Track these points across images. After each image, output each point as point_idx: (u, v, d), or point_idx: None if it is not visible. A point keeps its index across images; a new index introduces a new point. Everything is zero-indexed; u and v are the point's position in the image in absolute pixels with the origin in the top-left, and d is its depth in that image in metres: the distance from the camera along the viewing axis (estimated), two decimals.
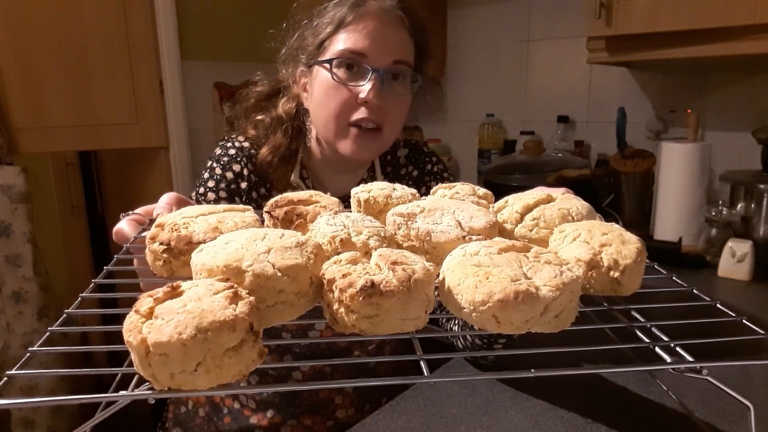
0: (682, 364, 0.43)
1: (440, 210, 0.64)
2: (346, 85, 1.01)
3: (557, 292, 0.45)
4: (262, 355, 0.40)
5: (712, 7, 1.41)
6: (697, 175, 1.66)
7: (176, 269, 0.57)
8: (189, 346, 0.36)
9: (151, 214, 0.72)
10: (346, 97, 1.01)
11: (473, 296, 0.46)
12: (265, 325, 0.45)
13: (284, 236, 0.51)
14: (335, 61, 1.01)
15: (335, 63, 1.01)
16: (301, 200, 0.69)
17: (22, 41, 2.01)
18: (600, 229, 0.59)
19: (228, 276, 0.45)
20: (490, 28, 2.39)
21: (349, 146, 1.04)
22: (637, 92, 2.05)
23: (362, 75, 1.01)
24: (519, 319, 0.45)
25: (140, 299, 0.40)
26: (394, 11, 1.03)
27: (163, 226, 0.60)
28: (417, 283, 0.45)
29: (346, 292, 0.44)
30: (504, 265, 0.48)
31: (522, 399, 0.93)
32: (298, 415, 1.09)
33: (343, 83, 1.01)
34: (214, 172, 1.08)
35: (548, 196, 0.70)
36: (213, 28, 2.37)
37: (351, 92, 1.01)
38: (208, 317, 0.37)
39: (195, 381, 0.37)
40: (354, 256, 0.49)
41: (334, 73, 1.01)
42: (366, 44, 1.00)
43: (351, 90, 1.01)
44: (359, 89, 1.01)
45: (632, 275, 0.55)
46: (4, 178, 1.97)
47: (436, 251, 0.59)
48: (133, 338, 0.37)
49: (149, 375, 0.38)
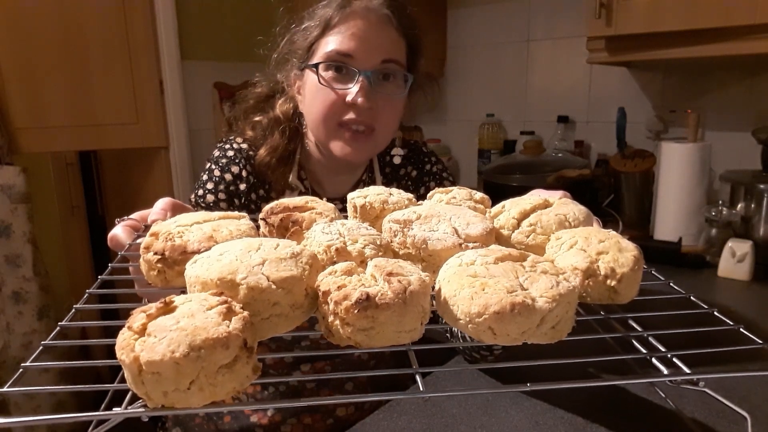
0: (679, 376, 0.43)
1: (437, 216, 0.64)
2: (333, 88, 1.00)
3: (554, 303, 0.45)
4: (257, 371, 0.40)
5: (712, 7, 1.40)
6: (697, 175, 1.66)
7: (171, 279, 0.57)
8: (182, 365, 0.36)
9: (146, 219, 0.72)
10: (333, 100, 1.01)
11: (469, 308, 0.45)
12: (259, 338, 0.45)
13: (279, 246, 0.51)
14: (322, 65, 1.01)
15: (322, 66, 1.01)
16: (296, 207, 0.69)
17: (22, 41, 2.01)
18: (597, 237, 0.59)
19: (222, 289, 0.45)
20: (490, 28, 2.38)
21: (342, 148, 1.03)
22: (637, 92, 2.04)
23: (350, 77, 1.01)
24: (515, 331, 0.45)
25: (133, 315, 0.40)
26: (381, 10, 1.02)
27: (157, 235, 0.59)
28: (412, 295, 0.45)
29: (341, 305, 0.44)
30: (500, 275, 0.48)
31: (522, 399, 0.93)
32: (298, 414, 1.10)
33: (330, 86, 1.00)
34: (212, 174, 1.08)
35: (545, 201, 0.70)
36: (213, 28, 2.37)
37: (338, 95, 1.00)
38: (201, 335, 0.37)
39: (188, 399, 0.37)
40: (349, 266, 0.49)
41: (321, 76, 1.00)
42: (352, 45, 0.99)
43: (339, 93, 1.00)
44: (346, 92, 1.00)
45: (629, 283, 0.54)
46: (4, 178, 1.97)
47: (433, 259, 0.59)
48: (126, 356, 0.37)
49: (142, 393, 0.37)
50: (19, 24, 1.99)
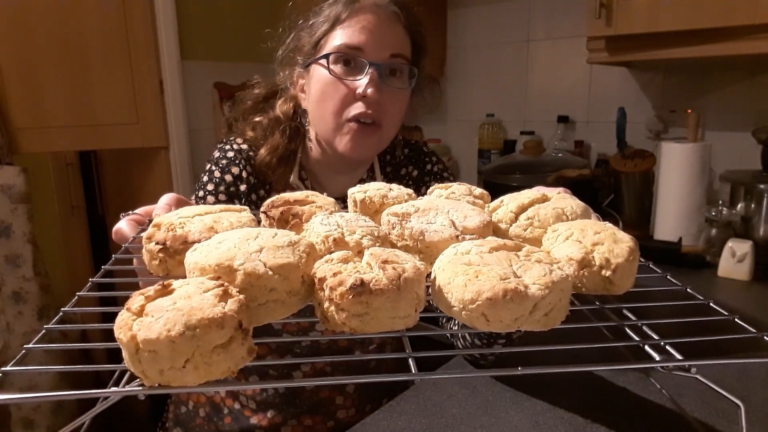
0: (671, 362, 0.43)
1: (434, 210, 0.64)
2: (343, 81, 1.01)
3: (546, 290, 0.45)
4: (252, 352, 0.40)
5: (712, 7, 1.41)
6: (697, 175, 1.66)
7: (172, 268, 0.58)
8: (177, 343, 0.37)
9: (150, 214, 0.73)
10: (343, 93, 1.01)
11: (463, 295, 0.46)
12: (256, 323, 0.45)
13: (277, 236, 0.51)
14: (332, 57, 1.01)
15: (332, 58, 1.01)
16: (297, 200, 0.70)
17: (22, 41, 2.02)
18: (593, 228, 0.59)
19: (220, 275, 0.46)
20: (490, 28, 2.39)
21: (348, 143, 1.03)
22: (637, 92, 2.05)
23: (359, 69, 1.01)
24: (508, 317, 0.45)
25: (132, 297, 0.41)
26: (390, 7, 1.03)
27: (159, 226, 0.60)
28: (407, 282, 0.45)
29: (336, 291, 0.44)
30: (494, 263, 0.48)
31: (522, 399, 0.94)
32: (298, 415, 1.09)
33: (341, 78, 1.01)
34: (213, 175, 1.08)
35: (543, 195, 0.70)
36: (213, 28, 2.37)
37: (348, 87, 1.01)
38: (196, 315, 0.38)
39: (184, 377, 0.37)
40: (345, 255, 0.50)
41: (331, 69, 1.01)
42: (362, 38, 1.00)
43: (348, 85, 1.01)
44: (357, 84, 1.00)
45: (624, 274, 0.55)
46: (4, 178, 1.98)
47: (430, 250, 0.59)
48: (124, 335, 0.37)
49: (139, 371, 0.38)
50: (19, 24, 2.00)
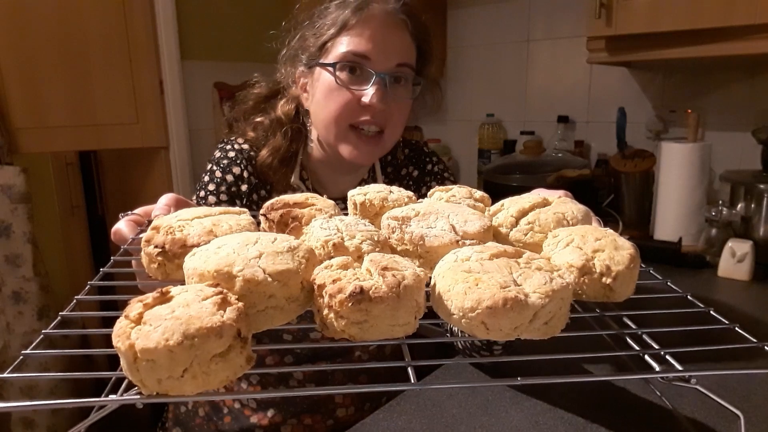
0: (670, 372, 0.43)
1: (435, 214, 0.64)
2: (349, 89, 1.01)
3: (546, 299, 0.45)
4: (250, 361, 0.40)
5: (712, 7, 1.40)
6: (697, 175, 1.66)
7: (171, 272, 0.58)
8: (176, 353, 0.36)
9: (149, 214, 0.72)
10: (348, 100, 1.01)
11: (462, 303, 0.46)
12: (255, 330, 0.45)
13: (276, 240, 0.51)
14: (339, 64, 1.01)
15: (339, 66, 1.01)
16: (296, 203, 0.69)
17: (22, 41, 2.01)
18: (593, 235, 0.59)
19: (219, 281, 0.45)
20: (490, 28, 2.38)
21: (351, 150, 1.04)
22: (637, 92, 2.04)
23: (365, 78, 1.01)
24: (508, 326, 0.45)
25: (130, 304, 0.41)
26: (398, 14, 1.03)
27: (158, 229, 0.60)
28: (406, 290, 0.45)
29: (335, 298, 0.44)
30: (494, 271, 0.48)
31: (522, 399, 0.93)
32: (298, 415, 1.10)
33: (347, 86, 1.01)
34: (214, 175, 1.08)
35: (544, 199, 0.70)
36: (213, 28, 2.37)
37: (354, 95, 1.01)
38: (195, 324, 0.37)
39: (182, 387, 0.37)
40: (345, 261, 0.49)
41: (337, 76, 1.01)
42: (369, 47, 1.00)
43: (354, 93, 1.01)
44: (362, 93, 1.00)
45: (625, 281, 0.54)
46: (4, 178, 1.97)
47: (430, 255, 0.59)
48: (122, 344, 0.37)
49: (137, 380, 0.38)
50: (19, 24, 1.99)
